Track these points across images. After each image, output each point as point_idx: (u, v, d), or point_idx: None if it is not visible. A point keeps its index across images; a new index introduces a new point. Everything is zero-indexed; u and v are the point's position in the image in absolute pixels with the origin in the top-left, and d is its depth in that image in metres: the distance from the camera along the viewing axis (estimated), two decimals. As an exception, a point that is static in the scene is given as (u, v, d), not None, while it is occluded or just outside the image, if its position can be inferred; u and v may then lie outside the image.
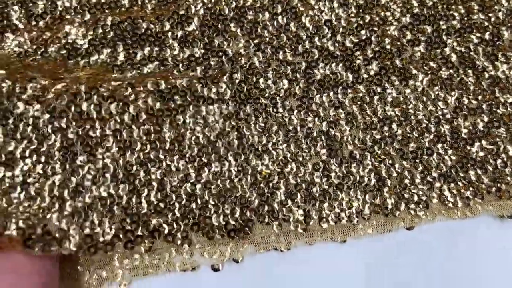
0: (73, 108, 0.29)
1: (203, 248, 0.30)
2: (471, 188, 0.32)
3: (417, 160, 0.32)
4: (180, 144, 0.31)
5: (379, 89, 0.33)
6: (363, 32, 0.35)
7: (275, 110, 0.32)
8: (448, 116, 0.33)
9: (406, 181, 0.32)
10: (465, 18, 0.35)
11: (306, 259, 0.31)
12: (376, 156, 0.32)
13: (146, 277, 0.29)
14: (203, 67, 0.32)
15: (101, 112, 0.29)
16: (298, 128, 0.32)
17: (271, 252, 0.30)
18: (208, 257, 0.30)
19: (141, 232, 0.29)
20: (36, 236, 0.26)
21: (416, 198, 0.31)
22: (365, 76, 0.34)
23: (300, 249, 0.30)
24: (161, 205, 0.29)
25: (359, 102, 0.33)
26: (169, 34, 0.33)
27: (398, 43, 0.35)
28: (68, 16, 0.33)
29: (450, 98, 0.34)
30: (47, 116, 0.28)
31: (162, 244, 0.29)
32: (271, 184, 0.31)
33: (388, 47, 0.34)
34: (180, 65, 0.33)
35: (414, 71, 0.34)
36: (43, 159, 0.28)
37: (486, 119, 0.33)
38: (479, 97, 0.34)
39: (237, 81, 0.32)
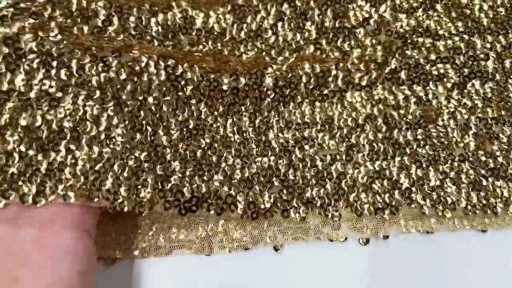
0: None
1: (351, 221, 0.32)
2: None
3: None
4: (330, 125, 0.33)
5: None
6: (510, 34, 0.36)
7: (424, 99, 0.34)
8: None
9: None
10: None
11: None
12: None
13: (296, 242, 0.31)
14: (358, 51, 0.34)
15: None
16: (446, 118, 0.34)
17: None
18: (355, 231, 0.31)
19: (296, 203, 0.31)
20: (210, 199, 0.29)
21: None
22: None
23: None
24: (314, 180, 0.31)
25: (502, 102, 0.34)
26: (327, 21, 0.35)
27: None
28: None
29: None
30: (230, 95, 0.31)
31: (314, 214, 0.31)
32: (419, 170, 0.32)
33: None
34: (336, 51, 0.35)
35: None
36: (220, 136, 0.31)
37: None
38: None
39: (386, 69, 0.34)
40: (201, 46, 0.34)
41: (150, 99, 0.30)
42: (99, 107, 0.29)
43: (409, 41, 0.35)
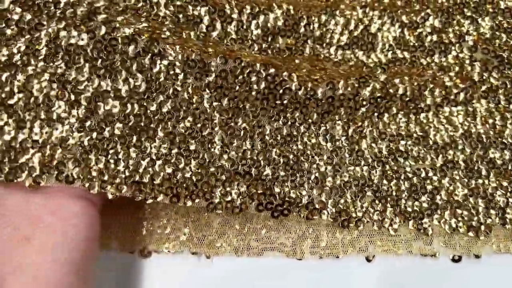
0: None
1: (443, 237, 0.31)
2: None
3: None
4: (425, 139, 0.33)
5: None
6: None
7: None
8: None
9: None
10: None
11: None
12: None
13: (387, 254, 0.31)
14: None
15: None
16: None
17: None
18: (447, 248, 0.31)
19: (389, 215, 0.31)
20: (301, 204, 0.30)
21: None
22: None
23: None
24: (407, 193, 0.32)
25: None
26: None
27: None
28: None
29: None
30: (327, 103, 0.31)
31: (406, 227, 0.31)
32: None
33: None
34: (434, 66, 0.35)
35: None
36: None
37: None
38: None
39: (482, 87, 0.34)
40: (299, 52, 0.34)
41: (248, 106, 0.30)
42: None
43: (506, 60, 0.35)
